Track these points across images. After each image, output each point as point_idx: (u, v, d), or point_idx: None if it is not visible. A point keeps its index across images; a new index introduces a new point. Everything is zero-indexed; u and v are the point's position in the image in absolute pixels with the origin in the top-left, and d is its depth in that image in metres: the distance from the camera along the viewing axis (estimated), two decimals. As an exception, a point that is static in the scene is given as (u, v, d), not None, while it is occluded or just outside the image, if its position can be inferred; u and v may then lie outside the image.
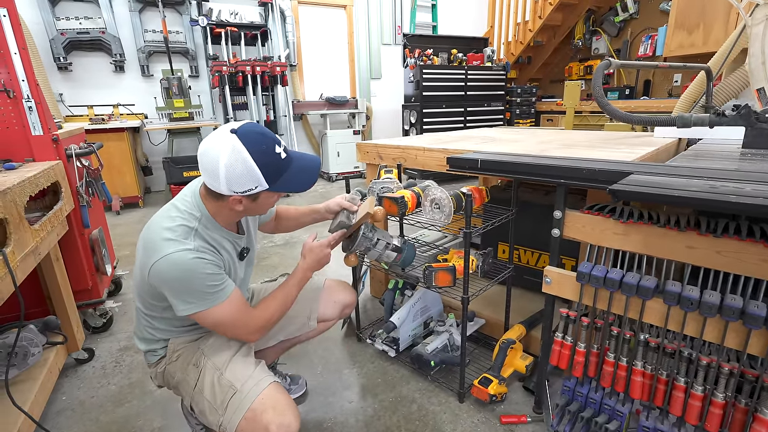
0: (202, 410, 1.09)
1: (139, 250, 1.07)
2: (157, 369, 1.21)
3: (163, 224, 1.02)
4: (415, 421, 1.51)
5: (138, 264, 1.08)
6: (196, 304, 1.01)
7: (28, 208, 1.62)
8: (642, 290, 1.09)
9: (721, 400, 1.03)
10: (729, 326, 0.98)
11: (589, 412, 1.28)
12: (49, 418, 1.56)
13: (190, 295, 1.00)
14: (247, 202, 1.04)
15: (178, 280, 0.99)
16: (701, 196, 0.82)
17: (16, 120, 1.66)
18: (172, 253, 0.97)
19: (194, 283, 0.99)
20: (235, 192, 0.99)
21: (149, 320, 1.17)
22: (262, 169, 0.98)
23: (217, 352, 1.14)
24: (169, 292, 1.01)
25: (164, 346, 1.19)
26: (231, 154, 0.95)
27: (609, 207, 1.21)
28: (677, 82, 4.81)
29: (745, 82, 2.24)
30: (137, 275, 1.11)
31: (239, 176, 0.97)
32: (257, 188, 1.01)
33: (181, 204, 1.08)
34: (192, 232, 1.03)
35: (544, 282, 1.32)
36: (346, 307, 1.55)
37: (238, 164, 0.95)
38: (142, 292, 1.11)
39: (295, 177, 1.06)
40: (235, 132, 0.97)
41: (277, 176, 1.02)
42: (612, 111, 1.69)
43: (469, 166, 1.46)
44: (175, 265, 0.97)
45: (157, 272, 0.98)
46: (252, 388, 1.06)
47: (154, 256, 0.98)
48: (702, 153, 1.54)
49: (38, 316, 1.67)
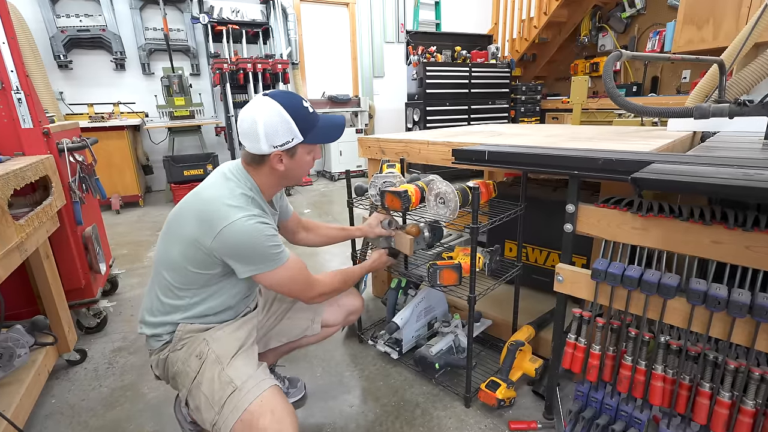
0: (198, 405, 1.04)
1: (190, 225, 1.06)
2: (159, 356, 1.16)
3: (222, 193, 1.08)
4: (419, 426, 1.44)
5: (189, 235, 1.06)
6: (262, 265, 1.07)
7: (16, 204, 1.57)
8: (663, 289, 1.01)
9: (751, 407, 0.95)
10: (761, 327, 0.90)
11: (605, 418, 1.20)
12: (36, 422, 1.50)
13: (256, 258, 1.06)
14: (287, 159, 1.12)
15: (246, 245, 1.04)
16: (739, 183, 0.74)
17: (4, 112, 1.60)
18: (240, 218, 1.03)
19: (260, 247, 1.05)
20: (274, 146, 1.08)
21: (175, 296, 1.12)
22: (296, 121, 1.08)
23: (222, 345, 1.11)
24: (235, 256, 1.06)
25: (171, 331, 1.14)
26: (268, 110, 1.06)
27: (626, 200, 1.13)
28: (686, 79, 4.71)
29: (758, 76, 2.16)
30: (177, 246, 1.09)
31: (277, 129, 1.06)
32: (294, 140, 1.09)
33: (231, 177, 1.13)
34: (250, 200, 1.10)
35: (555, 280, 1.24)
36: (351, 314, 1.51)
37: (275, 117, 1.06)
38: (183, 262, 1.08)
39: (325, 130, 1.16)
40: (267, 95, 1.09)
41: (309, 128, 1.11)
42: (624, 102, 1.62)
43: (475, 158, 1.39)
44: (244, 230, 1.03)
45: (226, 238, 1.03)
46: (252, 389, 1.02)
47: (222, 223, 1.02)
48: (722, 144, 1.46)
49: (28, 316, 1.62)
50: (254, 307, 1.33)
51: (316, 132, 1.13)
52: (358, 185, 1.74)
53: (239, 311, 1.23)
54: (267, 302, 1.41)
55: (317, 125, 1.14)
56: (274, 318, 1.40)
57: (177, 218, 1.11)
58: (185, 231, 1.07)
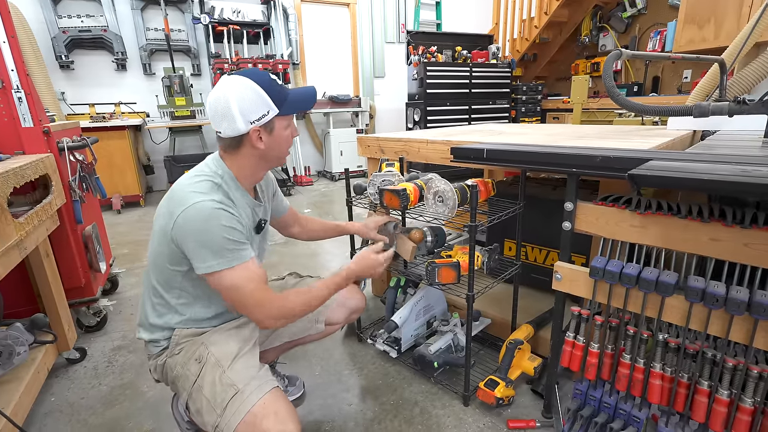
0: (199, 409, 1.03)
1: (161, 217, 1.07)
2: (157, 361, 1.15)
3: (188, 182, 1.07)
4: (418, 425, 1.44)
5: (159, 228, 1.07)
6: (216, 261, 1.00)
7: (16, 202, 1.57)
8: (661, 286, 1.01)
9: (750, 405, 0.95)
10: (759, 325, 0.90)
11: (603, 417, 1.20)
12: (36, 419, 1.50)
13: (210, 250, 1.00)
14: (266, 135, 1.09)
15: (200, 230, 1.00)
16: (736, 179, 0.73)
17: (5, 111, 1.61)
18: (197, 202, 1.00)
19: (215, 235, 1.00)
20: (251, 122, 1.05)
21: (162, 298, 1.12)
22: (269, 93, 1.06)
23: (221, 348, 1.09)
24: (190, 245, 1.01)
25: (168, 337, 1.14)
26: (238, 86, 1.03)
27: (624, 198, 1.13)
28: (687, 79, 4.69)
29: (759, 75, 2.15)
30: (155, 243, 1.09)
31: (251, 103, 1.04)
32: (270, 113, 1.07)
33: (203, 168, 1.12)
34: (216, 187, 1.07)
35: (554, 278, 1.24)
36: (353, 313, 1.50)
37: (248, 92, 1.04)
38: (161, 259, 1.08)
39: (297, 100, 1.14)
40: (231, 74, 1.07)
41: (282, 100, 1.09)
42: (623, 101, 1.61)
43: (474, 156, 1.39)
44: (199, 213, 1.00)
45: (181, 223, 1.00)
46: (254, 391, 1.01)
47: (179, 208, 1.00)
48: (721, 142, 1.45)
49: (28, 314, 1.62)
50: None
51: (290, 103, 1.11)
52: (357, 184, 1.74)
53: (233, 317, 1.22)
54: None
55: (289, 97, 1.12)
56: None
57: (156, 215, 1.11)
58: (157, 225, 1.08)
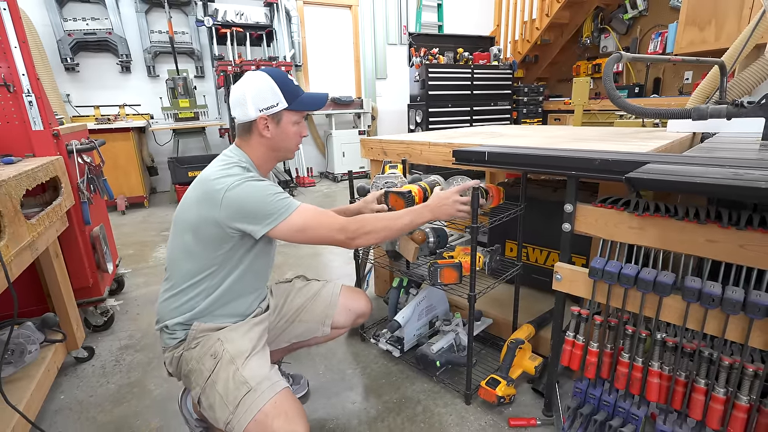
0: (212, 404, 1.06)
1: (196, 205, 1.12)
2: (174, 353, 1.18)
3: (218, 169, 1.13)
4: (420, 423, 1.46)
5: (195, 216, 1.12)
6: (277, 214, 1.09)
7: (27, 204, 1.61)
8: (659, 286, 1.03)
9: (745, 403, 0.97)
10: (754, 324, 0.92)
11: (602, 415, 1.22)
12: (46, 417, 1.53)
13: (266, 210, 1.08)
14: (273, 125, 1.18)
15: (251, 200, 1.08)
16: (727, 182, 0.76)
17: (16, 115, 1.64)
18: (237, 180, 1.08)
19: (266, 199, 1.08)
20: (260, 110, 1.15)
21: (184, 292, 1.15)
22: (281, 88, 1.16)
23: (236, 345, 1.13)
24: (245, 217, 1.08)
25: (185, 329, 1.16)
26: (255, 78, 1.16)
27: (623, 200, 1.15)
28: (688, 80, 4.71)
29: (760, 77, 2.17)
30: (187, 234, 1.13)
31: (262, 91, 1.14)
32: (278, 105, 1.16)
33: (227, 157, 1.19)
34: (244, 170, 1.15)
35: (554, 279, 1.27)
36: (359, 317, 1.51)
37: (261, 82, 1.15)
38: (198, 247, 1.13)
39: (308, 101, 1.23)
40: (255, 69, 1.21)
41: (293, 97, 1.18)
42: (624, 104, 1.64)
43: (476, 159, 1.41)
44: (245, 188, 1.08)
45: (231, 201, 1.07)
46: (266, 390, 1.04)
47: (222, 190, 1.07)
48: (719, 145, 1.47)
49: (38, 313, 1.65)
50: (266, 309, 1.34)
51: (300, 101, 1.20)
52: (360, 186, 1.77)
53: (252, 309, 1.25)
54: (278, 304, 1.41)
55: (301, 95, 1.21)
56: (285, 320, 1.41)
57: (181, 210, 1.17)
58: (191, 216, 1.13)
